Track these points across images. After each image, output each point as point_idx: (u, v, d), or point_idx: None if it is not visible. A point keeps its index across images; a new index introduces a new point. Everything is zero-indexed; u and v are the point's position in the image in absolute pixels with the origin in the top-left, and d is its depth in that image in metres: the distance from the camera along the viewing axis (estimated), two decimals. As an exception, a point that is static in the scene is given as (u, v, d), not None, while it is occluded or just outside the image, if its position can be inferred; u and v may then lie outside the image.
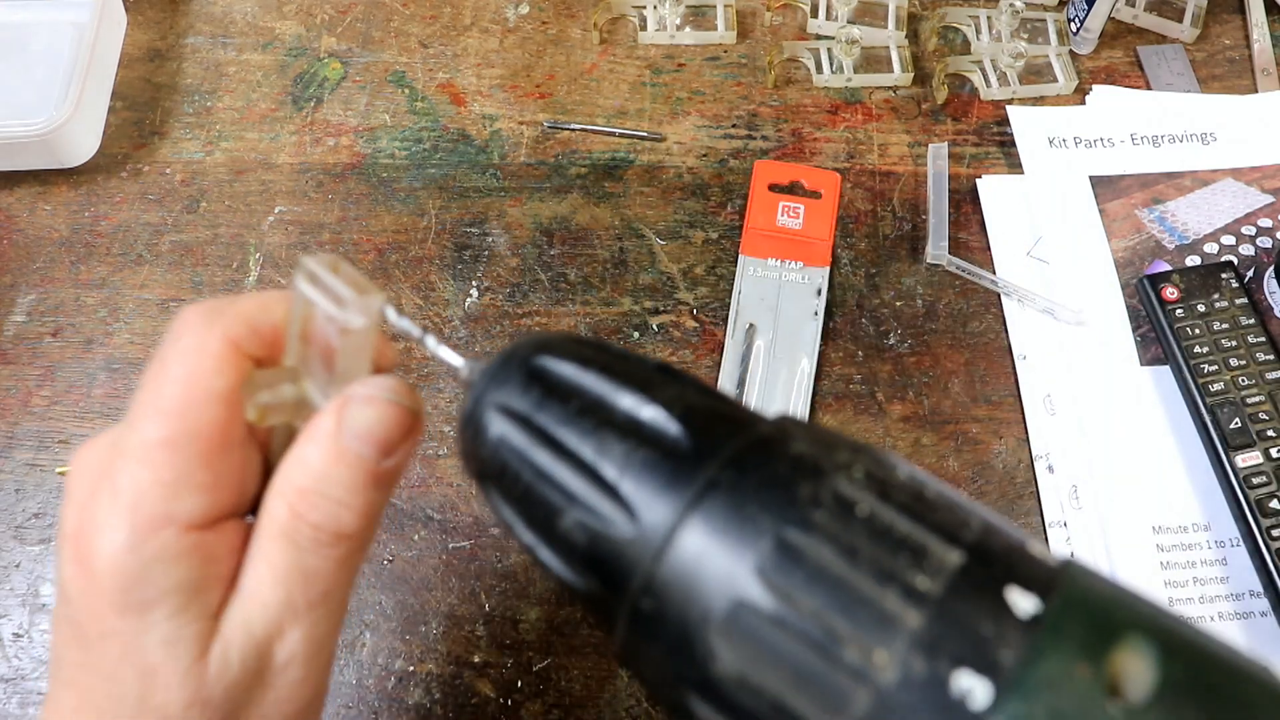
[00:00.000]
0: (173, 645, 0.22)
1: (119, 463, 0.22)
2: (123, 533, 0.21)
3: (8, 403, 0.46)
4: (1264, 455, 0.42)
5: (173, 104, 0.55)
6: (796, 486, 0.17)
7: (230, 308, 0.24)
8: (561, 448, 0.19)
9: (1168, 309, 0.46)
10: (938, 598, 0.16)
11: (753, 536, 0.17)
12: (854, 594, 0.16)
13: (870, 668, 0.15)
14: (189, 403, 0.22)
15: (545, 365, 0.20)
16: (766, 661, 0.16)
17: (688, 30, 0.56)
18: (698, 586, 0.17)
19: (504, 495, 0.20)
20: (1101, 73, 0.55)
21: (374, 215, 0.51)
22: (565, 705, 0.40)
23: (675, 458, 0.18)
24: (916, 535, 0.17)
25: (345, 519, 0.23)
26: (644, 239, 0.50)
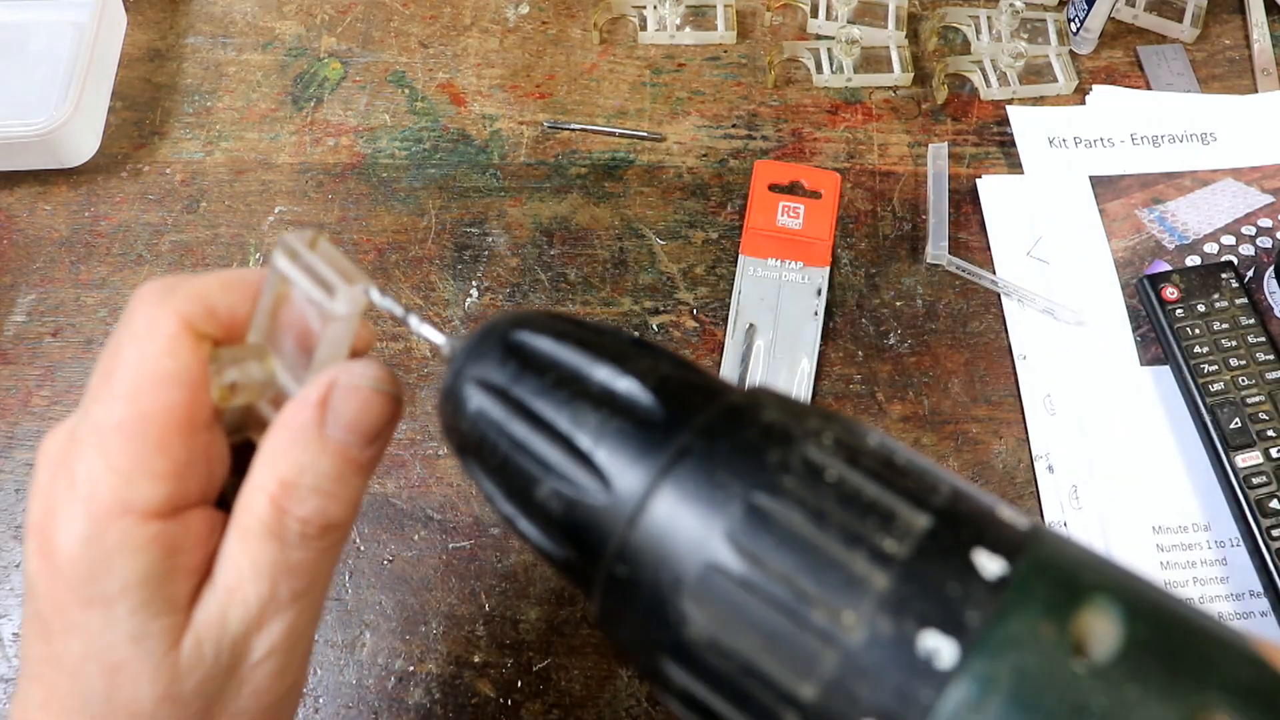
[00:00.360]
0: (140, 640, 0.21)
1: (74, 450, 0.21)
2: (80, 523, 0.21)
3: (8, 403, 0.46)
4: (1264, 455, 0.42)
5: (173, 104, 0.55)
6: (766, 453, 0.18)
7: (185, 285, 0.23)
8: (538, 419, 0.19)
9: (1168, 309, 0.46)
10: (905, 560, 0.16)
11: (723, 501, 0.17)
12: (822, 557, 0.16)
13: (838, 629, 0.16)
14: (141, 386, 0.21)
15: (522, 339, 0.21)
16: (736, 624, 0.16)
17: (688, 30, 0.56)
18: (670, 552, 0.17)
19: (483, 467, 0.20)
20: (1101, 73, 0.55)
21: (374, 215, 0.51)
22: (565, 705, 0.40)
23: (648, 427, 0.19)
24: (885, 500, 0.17)
25: (333, 511, 0.22)
26: (644, 239, 0.50)
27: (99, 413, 0.21)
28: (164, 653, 0.21)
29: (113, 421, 0.21)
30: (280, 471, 0.22)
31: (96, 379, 0.22)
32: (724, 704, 0.17)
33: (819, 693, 0.16)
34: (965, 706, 0.15)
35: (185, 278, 0.23)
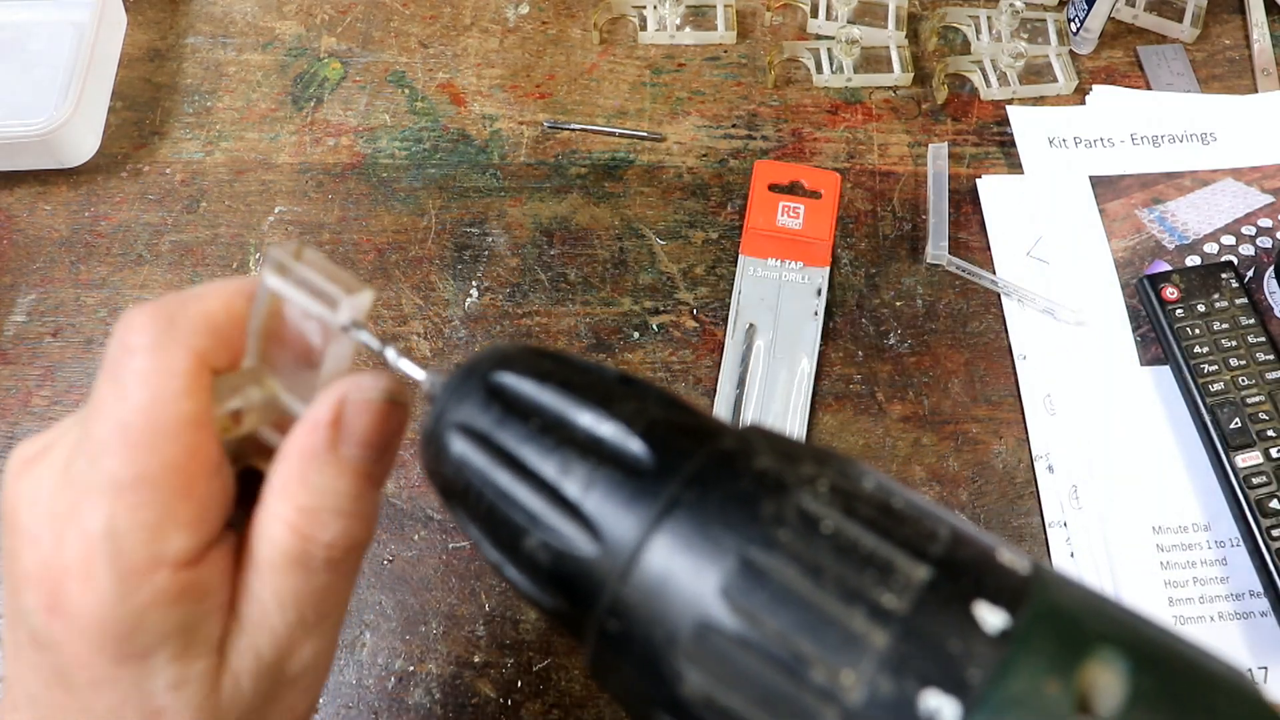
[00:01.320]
0: (180, 687, 0.20)
1: (85, 503, 0.20)
2: (108, 583, 0.19)
3: (8, 403, 0.46)
4: (1264, 455, 0.42)
5: (173, 104, 0.55)
6: (759, 504, 0.17)
7: (187, 311, 0.21)
8: (523, 467, 0.19)
9: (1168, 309, 0.46)
10: (905, 616, 0.16)
11: (716, 556, 0.17)
12: (819, 614, 0.16)
13: (837, 688, 0.15)
14: (159, 434, 0.20)
15: (504, 381, 0.20)
16: (733, 683, 0.16)
17: (688, 30, 0.56)
18: (663, 607, 0.17)
19: (468, 514, 0.20)
20: (1101, 73, 0.55)
21: (374, 215, 0.51)
22: (565, 705, 0.40)
23: (637, 475, 0.18)
24: (883, 551, 0.16)
25: (357, 530, 0.22)
26: (644, 239, 0.50)
27: (114, 466, 0.20)
28: (205, 696, 0.21)
29: (133, 474, 0.20)
30: (298, 499, 0.21)
31: (100, 423, 0.20)
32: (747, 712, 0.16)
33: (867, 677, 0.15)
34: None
35: (181, 301, 0.22)
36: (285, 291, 0.21)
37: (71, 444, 0.21)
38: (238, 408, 0.22)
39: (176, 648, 0.20)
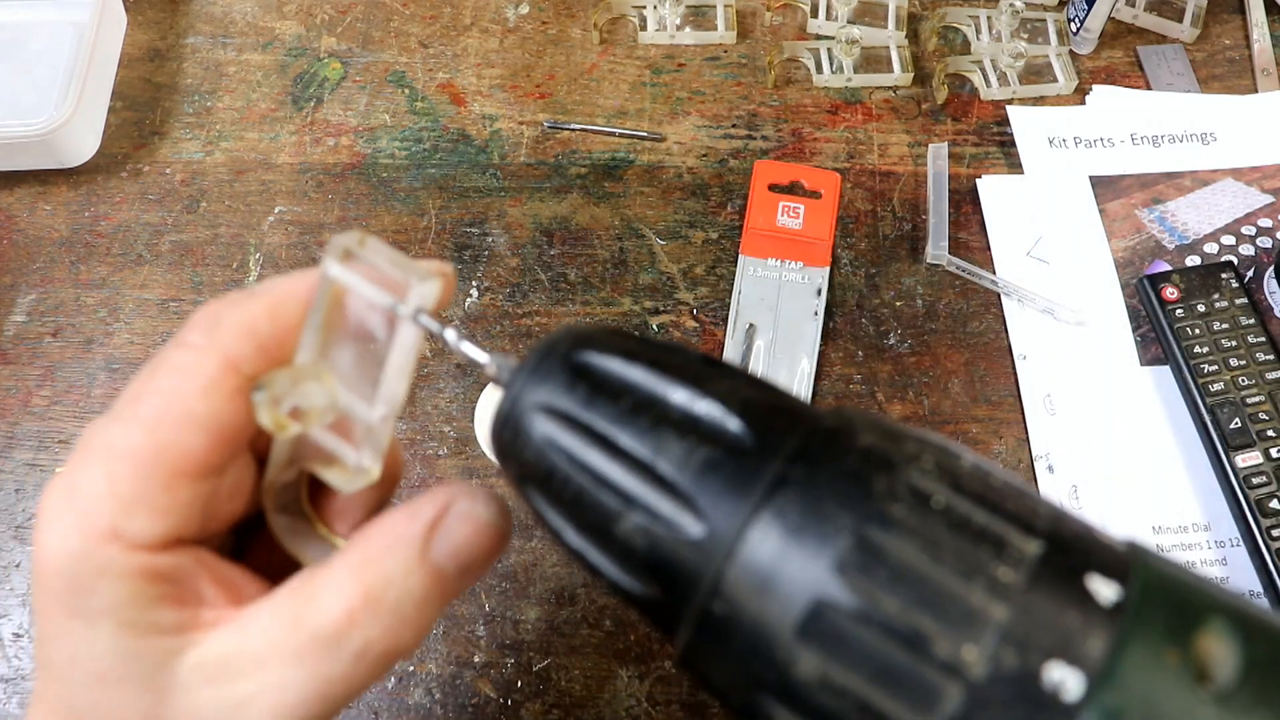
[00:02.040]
0: (127, 658, 0.20)
1: (82, 460, 0.21)
2: (70, 538, 0.20)
3: (8, 403, 0.46)
4: (1264, 455, 0.42)
5: (173, 104, 0.55)
6: (870, 480, 0.17)
7: (231, 317, 0.22)
8: (615, 448, 0.18)
9: (1168, 309, 0.46)
10: (1022, 589, 0.16)
11: (829, 533, 0.16)
12: (938, 589, 0.16)
13: (960, 663, 0.15)
14: (166, 421, 0.21)
15: (589, 360, 0.19)
16: (851, 661, 0.16)
17: (688, 30, 0.56)
18: (773, 587, 0.16)
19: (550, 499, 0.19)
20: (1101, 73, 0.55)
21: (374, 215, 0.51)
22: (565, 705, 0.40)
23: (738, 454, 0.18)
24: (994, 526, 0.16)
25: (405, 639, 0.21)
26: (644, 239, 0.50)
27: (116, 433, 0.21)
28: (152, 671, 0.20)
29: (126, 447, 0.20)
30: (368, 581, 0.21)
31: (127, 396, 0.21)
32: (866, 689, 0.16)
33: (989, 651, 0.15)
34: None
35: (232, 305, 0.22)
36: (349, 280, 0.20)
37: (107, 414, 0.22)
38: (295, 406, 0.21)
39: (123, 619, 0.20)
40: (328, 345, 0.21)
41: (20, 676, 0.41)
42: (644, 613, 0.19)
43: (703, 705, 0.40)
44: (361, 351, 0.21)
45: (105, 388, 0.47)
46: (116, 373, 0.47)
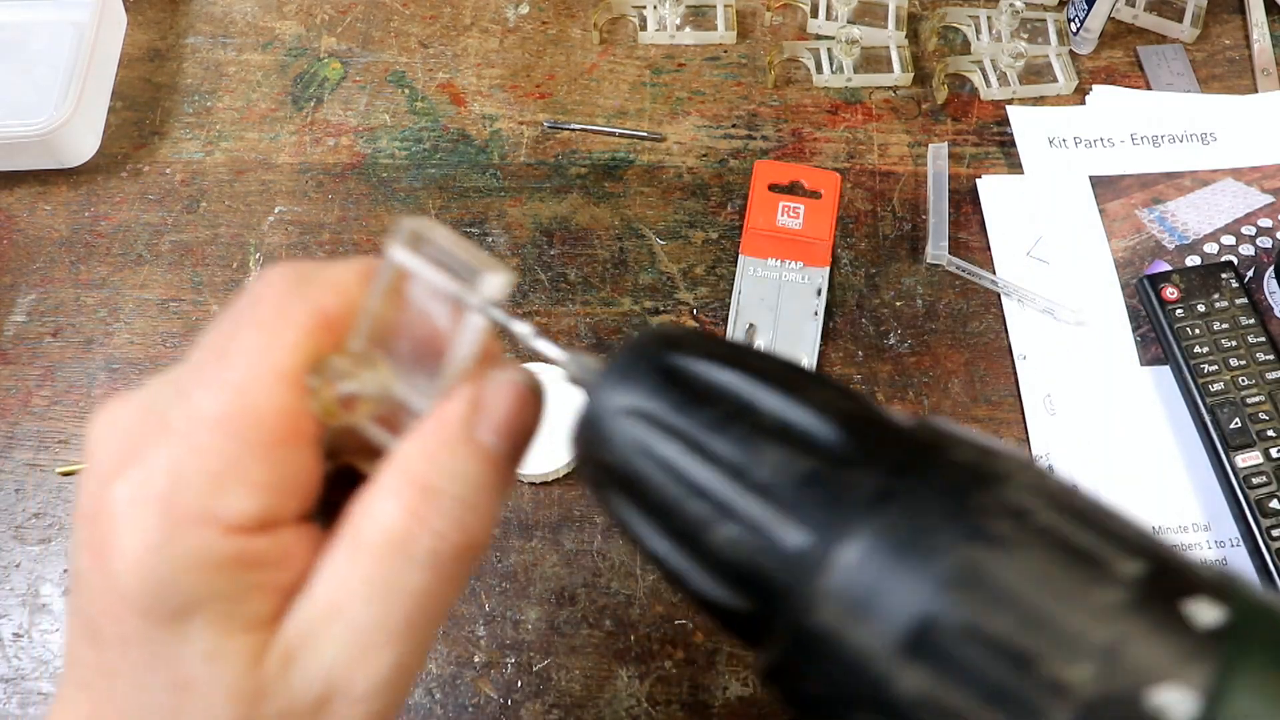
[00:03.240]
0: (214, 660, 0.18)
1: (157, 436, 0.18)
2: (152, 530, 0.17)
3: (8, 402, 0.46)
4: (1264, 455, 0.42)
5: (173, 104, 0.55)
6: (971, 496, 0.17)
7: (323, 274, 0.20)
8: (709, 455, 0.17)
9: (1168, 309, 0.46)
10: (1126, 609, 0.15)
11: (934, 549, 0.16)
12: (1044, 609, 0.15)
13: (1067, 684, 0.15)
14: (258, 378, 0.18)
15: (679, 364, 0.18)
16: (955, 680, 0.15)
17: (688, 30, 0.56)
18: (874, 603, 0.16)
19: (636, 505, 0.18)
20: (1101, 73, 0.55)
21: (374, 215, 0.51)
22: (565, 705, 0.40)
23: (838, 465, 0.17)
24: (1094, 546, 0.16)
25: (474, 527, 0.19)
26: (644, 239, 0.50)
27: (201, 399, 0.18)
28: (242, 672, 0.18)
29: (216, 412, 0.18)
30: (421, 474, 0.19)
31: (204, 355, 0.19)
32: (970, 708, 0.15)
33: (1094, 674, 0.15)
34: None
35: (320, 266, 0.20)
36: (414, 266, 0.19)
37: (165, 380, 0.19)
38: (352, 392, 0.19)
39: (215, 613, 0.18)
40: (383, 334, 0.20)
41: (20, 676, 0.41)
42: (726, 624, 0.19)
43: (703, 705, 0.40)
44: (417, 342, 0.20)
45: (105, 388, 0.47)
46: (116, 373, 0.47)
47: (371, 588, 0.19)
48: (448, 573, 0.19)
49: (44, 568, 0.43)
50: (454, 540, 0.19)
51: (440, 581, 0.19)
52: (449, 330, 0.20)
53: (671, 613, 0.41)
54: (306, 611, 0.19)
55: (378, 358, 0.20)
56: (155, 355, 0.48)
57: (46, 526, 0.44)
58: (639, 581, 0.42)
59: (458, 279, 0.19)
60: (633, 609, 0.41)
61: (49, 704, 0.40)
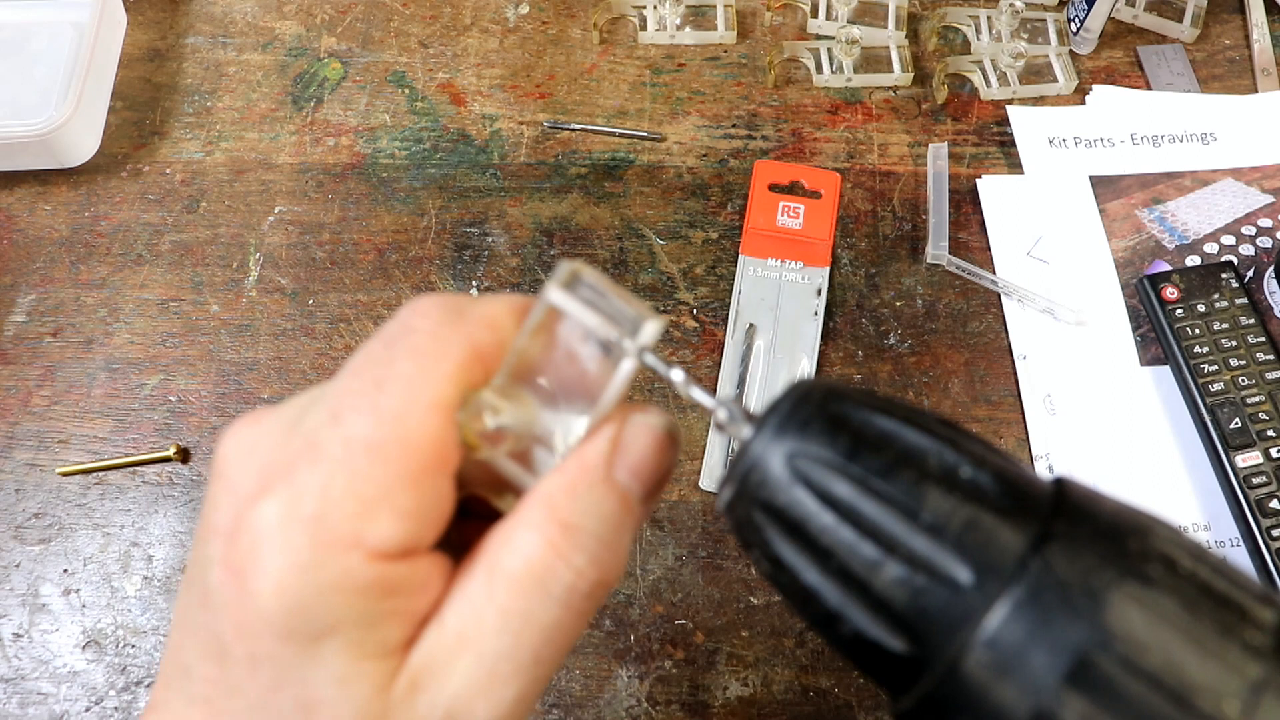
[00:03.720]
0: (344, 684, 0.18)
1: (308, 457, 0.18)
2: (301, 551, 0.18)
3: (8, 402, 0.46)
4: (1264, 455, 0.42)
5: (173, 104, 0.55)
6: (1125, 541, 0.17)
7: (477, 309, 0.20)
8: (881, 496, 0.18)
9: (1168, 309, 0.46)
10: (1270, 651, 0.16)
11: (1098, 589, 0.17)
12: (1198, 648, 0.16)
13: (1222, 715, 0.16)
14: (414, 408, 0.18)
15: (846, 412, 0.19)
16: (1115, 713, 0.16)
17: (688, 30, 0.56)
18: (1041, 639, 0.17)
19: (799, 545, 0.19)
20: (1101, 73, 0.55)
21: (374, 215, 0.51)
22: (565, 704, 0.40)
23: (998, 512, 0.18)
24: (1234, 593, 0.17)
25: (609, 565, 0.20)
26: (644, 239, 0.50)
27: (356, 424, 0.18)
28: (370, 696, 0.18)
29: (370, 438, 0.18)
30: (564, 510, 0.19)
31: (356, 381, 0.19)
32: None
33: None
34: None
35: (473, 300, 0.21)
36: (569, 308, 0.20)
37: (306, 403, 0.20)
38: (502, 425, 0.20)
39: (350, 639, 0.18)
40: (528, 371, 0.21)
41: (20, 676, 0.41)
42: (873, 666, 0.19)
43: (702, 705, 0.40)
44: (559, 381, 0.21)
45: (105, 387, 0.47)
46: (116, 373, 0.47)
47: (506, 619, 0.19)
48: (579, 609, 0.20)
49: (43, 568, 0.43)
50: (590, 577, 0.19)
51: (571, 617, 0.19)
52: (594, 372, 0.20)
53: (671, 613, 0.41)
54: (436, 640, 0.19)
55: (524, 394, 0.21)
56: (155, 355, 0.48)
57: (46, 527, 0.44)
58: (639, 582, 0.42)
59: (612, 323, 0.20)
60: (633, 609, 0.41)
61: (48, 704, 0.40)
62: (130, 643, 0.41)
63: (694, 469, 0.44)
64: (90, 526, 0.44)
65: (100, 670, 0.41)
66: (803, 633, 0.41)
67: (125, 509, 0.44)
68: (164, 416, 0.46)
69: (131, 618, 0.42)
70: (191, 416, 0.46)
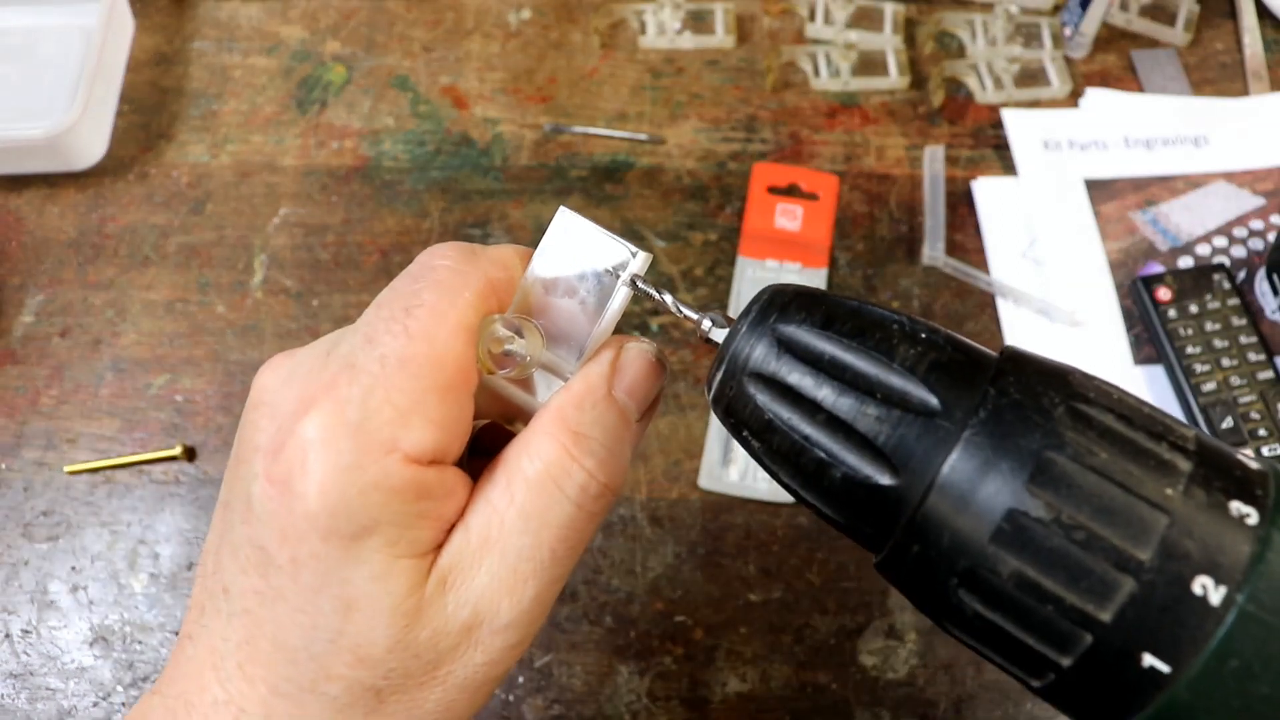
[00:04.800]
0: (382, 579, 0.20)
1: (347, 375, 0.20)
2: (345, 453, 0.19)
3: (16, 402, 0.47)
4: (1256, 454, 0.43)
5: (179, 108, 0.55)
6: (1065, 377, 0.20)
7: (487, 252, 0.23)
8: (858, 353, 0.21)
9: (1161, 310, 0.46)
10: (1195, 452, 0.19)
11: (1045, 409, 0.19)
12: (1137, 448, 0.19)
13: (1164, 499, 0.18)
14: (441, 330, 0.21)
15: (817, 297, 0.22)
16: (1040, 561, 0.18)
17: (687, 35, 0.57)
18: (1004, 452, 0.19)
19: (790, 404, 0.21)
20: (1095, 76, 0.56)
21: (377, 217, 0.52)
22: (566, 701, 0.40)
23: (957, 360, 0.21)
24: (1158, 414, 0.20)
25: (614, 470, 0.22)
26: (644, 240, 0.51)
27: (391, 344, 0.20)
28: (405, 593, 0.20)
29: (403, 354, 0.20)
30: (573, 422, 0.22)
31: (388, 311, 0.21)
32: (1053, 582, 0.18)
33: (1155, 554, 0.18)
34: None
35: (484, 247, 0.23)
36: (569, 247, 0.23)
37: (335, 337, 0.22)
38: (513, 350, 0.22)
39: (388, 537, 0.20)
40: (531, 307, 0.24)
41: (29, 672, 0.41)
42: (861, 510, 0.21)
43: (702, 701, 0.40)
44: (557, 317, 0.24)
45: (112, 387, 0.47)
46: (124, 373, 0.48)
47: (525, 519, 0.21)
48: (590, 510, 0.22)
49: (52, 565, 0.43)
50: (600, 479, 0.22)
51: (583, 517, 0.22)
52: (591, 303, 0.23)
53: (671, 609, 0.42)
54: (462, 542, 0.21)
55: (530, 326, 0.23)
56: (162, 355, 0.48)
57: (54, 524, 0.44)
58: (639, 579, 0.43)
59: (607, 253, 0.23)
60: (633, 606, 0.42)
61: (56, 699, 0.41)
62: (137, 639, 0.42)
63: (693, 467, 0.45)
64: (98, 524, 0.44)
65: (107, 666, 0.41)
66: (800, 629, 0.42)
67: (132, 507, 0.45)
68: (170, 416, 0.47)
69: (139, 614, 0.42)
70: (197, 416, 0.47)
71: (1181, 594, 0.18)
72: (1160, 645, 0.18)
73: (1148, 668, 0.18)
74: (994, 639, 0.19)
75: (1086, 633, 0.18)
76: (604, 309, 0.23)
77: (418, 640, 0.20)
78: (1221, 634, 0.17)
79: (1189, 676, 0.17)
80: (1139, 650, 0.18)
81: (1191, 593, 0.18)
